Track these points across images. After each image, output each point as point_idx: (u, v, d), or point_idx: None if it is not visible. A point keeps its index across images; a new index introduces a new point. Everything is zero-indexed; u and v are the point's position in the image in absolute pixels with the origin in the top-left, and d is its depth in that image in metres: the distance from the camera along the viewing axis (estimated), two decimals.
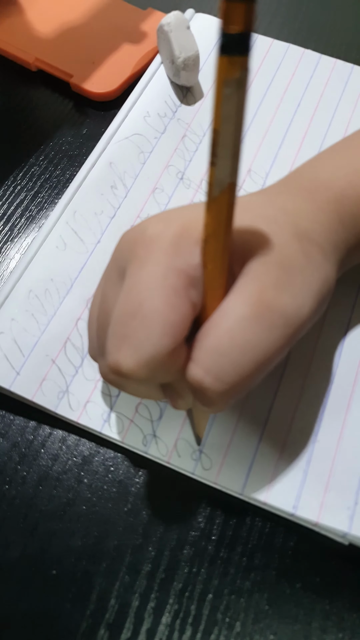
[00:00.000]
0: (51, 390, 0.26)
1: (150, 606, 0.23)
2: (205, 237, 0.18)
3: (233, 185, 0.16)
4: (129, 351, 0.18)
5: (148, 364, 0.18)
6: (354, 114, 0.36)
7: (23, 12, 0.39)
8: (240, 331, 0.18)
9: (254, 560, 0.24)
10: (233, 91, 0.14)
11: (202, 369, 0.18)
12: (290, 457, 0.25)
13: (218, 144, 0.15)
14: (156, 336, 0.18)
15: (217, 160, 0.16)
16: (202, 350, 0.19)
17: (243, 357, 0.18)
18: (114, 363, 0.19)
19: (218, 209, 0.17)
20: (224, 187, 0.16)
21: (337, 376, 0.27)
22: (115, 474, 0.25)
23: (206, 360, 0.18)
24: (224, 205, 0.17)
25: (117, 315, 0.19)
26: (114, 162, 0.33)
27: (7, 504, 0.24)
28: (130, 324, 0.19)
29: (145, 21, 0.39)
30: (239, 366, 0.18)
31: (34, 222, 0.32)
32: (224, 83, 0.14)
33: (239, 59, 0.14)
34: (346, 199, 0.23)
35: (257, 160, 0.33)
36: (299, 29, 0.42)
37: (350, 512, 0.24)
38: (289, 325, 0.19)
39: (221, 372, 0.18)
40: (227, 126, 0.15)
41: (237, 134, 0.15)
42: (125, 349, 0.19)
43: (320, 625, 0.23)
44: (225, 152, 0.15)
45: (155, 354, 0.18)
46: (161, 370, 0.19)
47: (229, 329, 0.18)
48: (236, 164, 0.16)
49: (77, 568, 0.23)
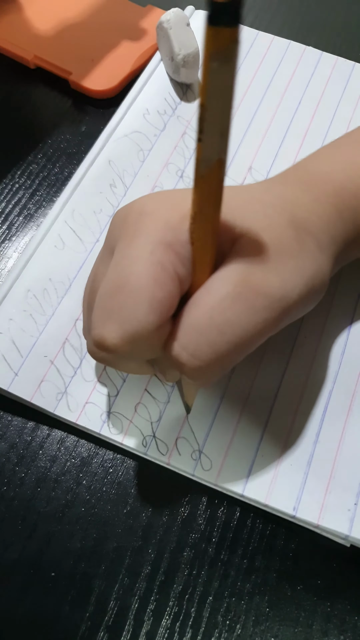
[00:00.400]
0: (49, 391, 0.26)
1: (150, 609, 0.23)
2: (193, 214, 0.18)
3: (221, 162, 0.16)
4: (114, 326, 0.18)
5: (133, 339, 0.18)
6: (355, 112, 0.35)
7: (22, 9, 0.39)
8: (220, 310, 0.18)
9: (255, 562, 0.24)
10: (221, 65, 0.13)
11: (180, 345, 0.18)
12: (291, 459, 0.25)
13: (205, 120, 0.15)
14: (142, 313, 0.18)
15: (204, 137, 0.15)
16: (182, 327, 0.19)
17: (221, 336, 0.18)
18: (99, 337, 0.19)
19: (206, 186, 0.17)
20: (211, 164, 0.16)
21: (339, 377, 0.27)
22: (114, 475, 0.25)
23: (184, 337, 0.18)
24: (212, 183, 0.16)
25: (103, 289, 0.19)
26: (113, 160, 0.32)
27: (5, 505, 0.24)
28: (116, 298, 0.18)
29: (145, 18, 0.39)
30: (216, 345, 0.18)
31: (32, 221, 0.32)
32: (211, 56, 0.13)
33: (228, 30, 0.13)
34: (345, 193, 0.23)
35: (258, 158, 0.33)
36: (300, 26, 0.42)
37: (351, 514, 0.23)
38: (272, 308, 0.19)
39: (197, 350, 0.18)
40: (215, 102, 0.14)
41: (226, 110, 0.15)
42: (110, 324, 0.18)
43: (322, 627, 0.23)
44: (212, 129, 0.15)
45: (141, 329, 0.18)
46: (146, 345, 0.19)
47: (210, 308, 0.18)
48: (225, 140, 0.15)
49: (76, 570, 0.23)
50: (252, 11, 0.42)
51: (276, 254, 0.19)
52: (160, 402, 0.26)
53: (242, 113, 0.35)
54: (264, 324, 0.19)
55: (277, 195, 0.22)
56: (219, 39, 0.13)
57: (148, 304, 0.18)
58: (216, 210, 0.17)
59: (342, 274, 0.29)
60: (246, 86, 0.36)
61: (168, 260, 0.18)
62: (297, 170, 0.25)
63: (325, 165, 0.25)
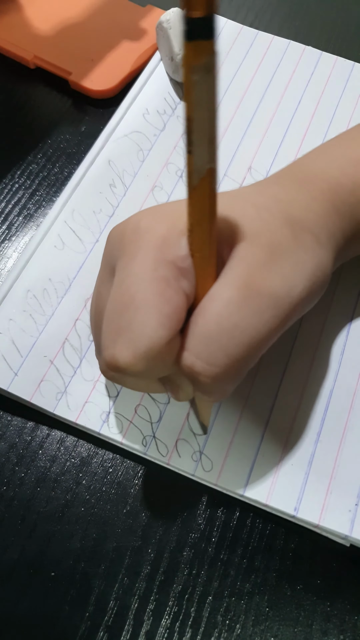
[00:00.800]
0: (49, 391, 0.26)
1: (150, 608, 0.23)
2: (189, 226, 0.18)
3: (212, 171, 0.16)
4: (125, 345, 0.18)
5: (145, 356, 0.18)
6: (355, 112, 0.35)
7: (21, 9, 0.39)
8: (227, 315, 0.18)
9: (255, 562, 0.24)
10: (202, 77, 0.14)
11: (193, 354, 0.18)
12: (291, 459, 0.25)
13: (193, 131, 0.15)
14: (151, 328, 0.18)
15: (193, 148, 0.15)
16: (192, 337, 0.19)
17: (232, 340, 0.18)
18: (111, 358, 0.19)
19: (199, 197, 0.17)
20: (203, 174, 0.16)
21: (339, 376, 0.27)
22: (114, 475, 0.25)
23: (196, 346, 0.18)
24: (205, 192, 0.17)
25: (109, 310, 0.19)
26: (112, 160, 0.32)
27: (5, 505, 0.24)
28: (124, 316, 0.18)
29: (145, 18, 0.39)
30: (229, 349, 0.18)
31: (32, 221, 0.32)
32: (191, 69, 0.14)
33: (205, 44, 0.13)
34: (340, 188, 0.23)
35: (258, 157, 0.33)
36: (299, 25, 0.42)
37: (352, 515, 0.23)
38: (278, 306, 0.19)
39: (211, 357, 0.18)
40: (200, 113, 0.15)
41: (211, 120, 0.15)
42: (121, 343, 0.18)
43: (321, 627, 0.23)
44: (200, 139, 0.15)
45: (152, 346, 0.18)
46: (158, 362, 0.18)
47: (217, 314, 0.18)
48: (213, 149, 0.16)
49: (75, 570, 0.23)
50: (252, 11, 0.42)
51: (275, 254, 0.19)
52: (161, 403, 0.26)
53: (242, 113, 0.35)
54: (273, 322, 0.19)
55: (271, 196, 0.22)
56: (198, 52, 0.14)
57: (156, 320, 0.18)
58: (212, 219, 0.18)
59: (341, 273, 0.29)
60: (246, 86, 0.36)
61: (171, 275, 0.18)
62: (291, 170, 0.25)
63: (320, 162, 0.25)
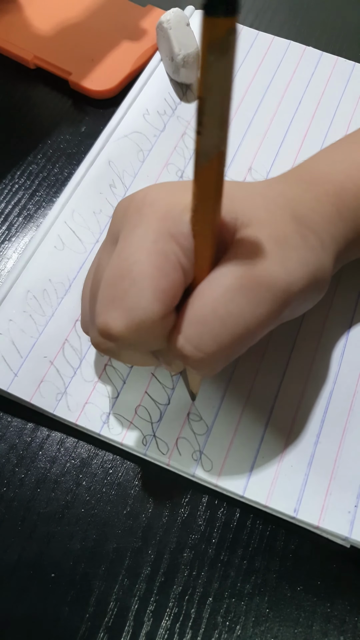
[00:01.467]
0: (49, 392, 0.26)
1: (150, 609, 0.23)
2: (193, 206, 0.18)
3: (221, 154, 0.16)
4: (118, 313, 0.18)
5: (137, 328, 0.18)
6: (356, 112, 0.35)
7: (22, 9, 0.39)
8: (224, 302, 0.18)
9: (255, 563, 0.24)
10: (219, 56, 0.13)
11: (183, 337, 0.19)
12: (291, 460, 0.25)
13: (204, 113, 0.15)
14: (146, 301, 0.18)
15: (203, 130, 0.15)
16: (186, 319, 0.19)
17: (224, 328, 0.18)
18: (104, 324, 0.19)
19: (206, 179, 0.17)
20: (211, 156, 0.16)
21: (339, 377, 0.27)
22: (114, 476, 0.25)
23: (188, 329, 0.18)
24: (212, 175, 0.16)
25: (107, 278, 0.19)
26: (112, 161, 0.32)
27: (5, 506, 0.24)
28: (120, 286, 0.18)
29: (145, 18, 0.39)
30: (219, 337, 0.18)
31: (32, 221, 0.32)
32: (208, 47, 0.13)
33: (224, 21, 0.12)
34: (345, 193, 0.23)
35: (258, 158, 0.33)
36: (300, 26, 0.42)
37: (351, 517, 0.23)
38: (275, 300, 0.19)
39: (200, 342, 0.18)
40: (213, 94, 0.14)
41: (225, 103, 0.15)
42: (115, 312, 0.18)
43: (322, 628, 0.23)
44: (211, 121, 0.15)
45: (145, 318, 0.18)
46: (151, 335, 0.18)
47: (214, 300, 0.18)
48: (224, 133, 0.15)
49: (75, 571, 0.23)
50: (252, 11, 0.42)
51: (279, 245, 0.19)
52: (161, 404, 0.26)
53: (242, 113, 0.35)
54: (267, 315, 0.19)
55: (278, 192, 0.22)
56: (216, 30, 0.13)
57: (152, 293, 0.18)
58: (216, 202, 0.17)
59: (341, 274, 0.29)
60: (246, 86, 0.36)
61: (171, 250, 0.18)
62: (298, 171, 0.25)
63: (326, 165, 0.25)
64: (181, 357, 0.19)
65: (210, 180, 0.17)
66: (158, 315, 0.18)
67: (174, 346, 0.19)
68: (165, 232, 0.19)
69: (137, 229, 0.19)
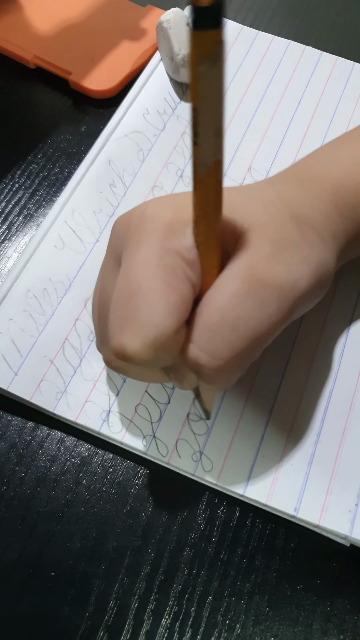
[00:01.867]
0: (49, 391, 0.26)
1: (150, 608, 0.23)
2: (195, 217, 0.18)
3: (219, 163, 0.16)
4: (133, 333, 0.18)
5: (153, 345, 0.18)
6: (355, 112, 0.35)
7: (22, 9, 0.39)
8: (232, 308, 0.18)
9: (255, 562, 0.24)
10: (209, 67, 0.14)
11: (197, 347, 0.18)
12: (292, 459, 0.25)
13: (199, 123, 0.15)
14: (159, 317, 0.18)
15: (199, 140, 0.15)
16: (197, 329, 0.19)
17: (236, 333, 0.18)
18: (119, 346, 0.18)
19: (205, 189, 0.17)
20: (209, 166, 0.16)
21: (339, 376, 0.27)
22: (114, 475, 0.25)
23: (200, 338, 0.18)
24: (211, 184, 0.17)
25: (116, 298, 0.19)
26: (112, 160, 0.32)
27: (5, 505, 0.24)
28: (131, 304, 0.18)
29: (145, 18, 0.39)
30: (232, 342, 0.18)
31: (32, 221, 0.32)
32: (197, 59, 0.13)
33: (212, 33, 0.13)
34: (344, 190, 0.23)
35: (258, 157, 0.33)
36: (299, 25, 0.42)
37: (352, 516, 0.23)
38: (283, 299, 0.19)
39: (215, 350, 0.18)
40: (206, 104, 0.14)
41: (218, 112, 0.15)
42: (129, 331, 0.18)
43: (321, 627, 0.23)
44: (206, 131, 0.15)
45: (160, 335, 0.18)
46: (165, 351, 0.18)
47: (222, 306, 0.18)
48: (220, 141, 0.16)
49: (75, 570, 0.23)
50: (252, 11, 0.42)
51: (280, 247, 0.19)
52: (161, 403, 0.26)
53: (242, 113, 0.35)
54: (276, 315, 0.19)
55: (276, 193, 0.22)
56: (205, 42, 0.13)
57: (164, 309, 0.18)
58: (217, 211, 0.18)
59: (342, 273, 0.29)
60: (246, 86, 0.36)
61: (177, 264, 0.18)
62: (296, 169, 0.25)
63: (324, 163, 0.25)
64: (196, 368, 0.19)
65: (209, 189, 0.17)
66: (172, 330, 0.18)
67: (188, 358, 0.19)
68: (169, 247, 0.19)
69: (141, 247, 0.19)
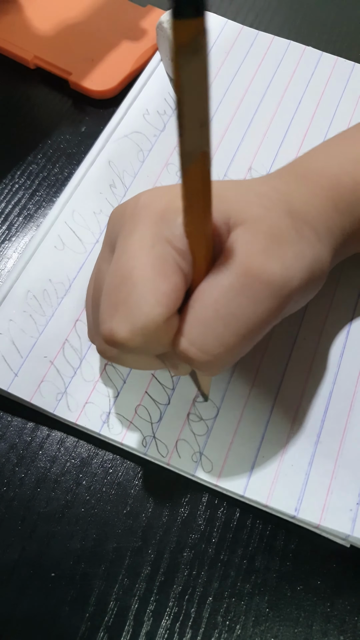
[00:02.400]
0: (49, 392, 0.26)
1: (150, 609, 0.23)
2: (184, 207, 0.18)
3: (205, 155, 0.16)
4: (122, 319, 0.18)
5: (142, 332, 0.18)
6: (355, 113, 0.35)
7: (22, 9, 0.39)
8: (224, 303, 0.18)
9: (255, 562, 0.24)
10: (191, 57, 0.13)
11: (187, 340, 0.19)
12: (292, 459, 0.25)
13: (183, 115, 0.15)
14: (148, 305, 0.18)
15: (184, 131, 0.15)
16: (188, 322, 0.19)
17: (227, 329, 0.18)
18: (108, 332, 0.19)
19: (192, 180, 0.17)
20: (196, 157, 0.16)
21: (339, 377, 0.27)
22: (114, 476, 0.25)
23: (191, 332, 0.18)
24: (197, 176, 0.16)
25: (107, 284, 0.19)
26: (112, 161, 0.32)
27: (5, 506, 0.24)
28: (121, 291, 0.18)
29: (145, 18, 0.39)
30: (223, 338, 0.18)
31: (32, 221, 0.32)
32: (179, 49, 0.13)
33: (193, 22, 0.13)
34: (340, 187, 0.23)
35: (258, 158, 0.33)
36: (300, 26, 0.42)
37: (353, 515, 0.23)
38: (276, 296, 0.19)
39: (205, 344, 0.18)
40: (190, 95, 0.14)
41: (203, 102, 0.15)
42: (118, 317, 0.18)
43: (322, 628, 0.23)
44: (191, 122, 0.15)
45: (149, 322, 0.18)
46: (155, 339, 0.18)
47: (214, 301, 0.18)
48: (206, 132, 0.15)
49: (75, 571, 0.23)
50: (252, 11, 0.42)
51: (275, 242, 0.19)
52: (161, 404, 0.26)
53: (242, 113, 0.35)
54: (269, 312, 0.19)
55: (272, 187, 0.22)
56: (186, 32, 0.13)
57: (153, 297, 0.18)
58: (206, 203, 0.17)
59: (341, 273, 0.29)
60: (246, 86, 0.36)
61: (169, 253, 0.18)
62: (293, 166, 0.25)
63: (321, 160, 0.25)
64: (187, 360, 0.19)
65: (196, 181, 0.17)
66: (161, 318, 0.18)
67: (179, 349, 0.19)
68: (161, 235, 0.19)
69: (134, 234, 0.19)
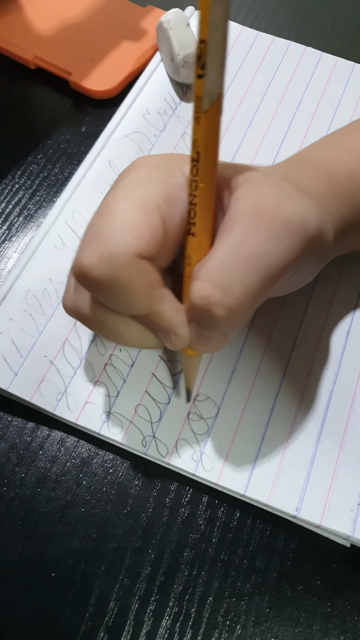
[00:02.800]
0: (49, 392, 0.26)
1: (150, 609, 0.23)
2: (195, 155, 0.18)
3: (221, 96, 0.17)
4: (92, 248, 0.18)
5: (108, 260, 0.18)
6: (355, 113, 0.35)
7: (22, 9, 0.39)
8: (245, 243, 0.18)
9: (255, 562, 0.24)
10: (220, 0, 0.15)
11: (210, 283, 0.18)
12: (292, 459, 0.25)
13: (207, 54, 0.16)
14: (119, 233, 0.18)
15: (206, 71, 0.16)
16: (208, 267, 0.18)
17: (250, 269, 0.18)
18: (77, 263, 0.19)
19: (210, 122, 0.17)
20: (214, 98, 0.16)
21: (339, 376, 0.27)
22: (114, 476, 0.25)
23: (213, 275, 0.18)
24: (215, 117, 0.17)
25: (88, 223, 0.20)
26: (113, 161, 0.32)
27: (5, 506, 0.24)
28: (97, 224, 0.19)
29: (145, 18, 0.39)
30: (246, 279, 0.18)
31: (32, 221, 0.32)
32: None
33: None
34: (336, 174, 0.24)
35: (258, 158, 0.33)
36: (300, 26, 0.42)
37: (354, 514, 0.23)
38: (295, 235, 0.19)
39: (229, 286, 0.18)
40: (214, 35, 0.15)
41: (224, 43, 0.16)
42: (90, 247, 0.18)
43: (322, 627, 0.23)
44: (213, 62, 0.16)
45: (117, 250, 0.18)
46: (125, 276, 0.18)
47: (234, 244, 0.18)
48: (223, 73, 0.16)
49: (76, 570, 0.23)
50: (252, 11, 0.42)
51: (283, 193, 0.20)
52: (161, 403, 0.26)
53: (243, 113, 0.35)
54: (288, 251, 0.19)
55: (271, 170, 0.23)
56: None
57: (126, 227, 0.18)
58: (217, 148, 0.18)
59: (342, 273, 0.29)
60: (246, 87, 0.36)
61: (153, 194, 0.19)
62: (290, 158, 0.26)
63: (317, 152, 0.26)
64: (206, 309, 0.18)
65: (214, 122, 0.17)
66: (130, 250, 0.18)
67: (199, 297, 0.18)
68: (151, 178, 0.19)
69: (124, 178, 0.20)
